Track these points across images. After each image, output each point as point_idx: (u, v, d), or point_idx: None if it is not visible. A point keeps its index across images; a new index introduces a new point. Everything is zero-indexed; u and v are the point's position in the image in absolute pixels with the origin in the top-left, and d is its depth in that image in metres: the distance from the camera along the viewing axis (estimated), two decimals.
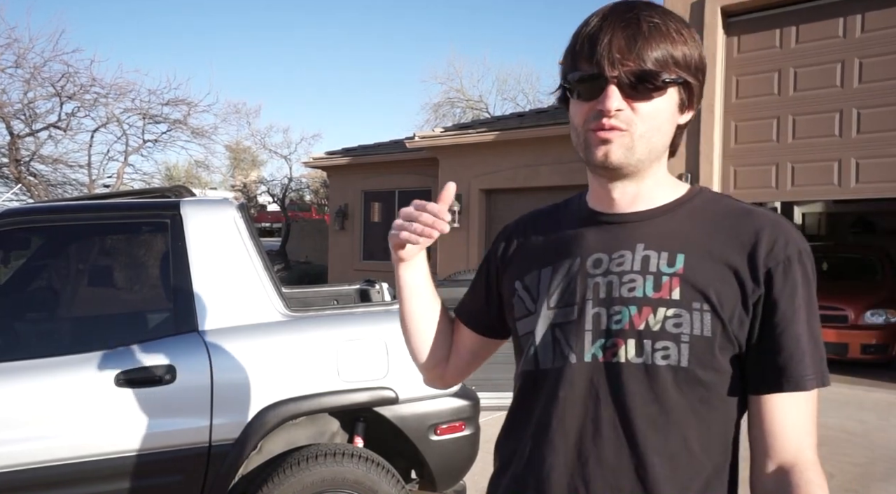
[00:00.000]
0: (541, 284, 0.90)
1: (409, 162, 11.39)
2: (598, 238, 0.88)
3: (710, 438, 0.82)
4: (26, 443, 2.00)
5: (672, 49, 0.80)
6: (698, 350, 0.79)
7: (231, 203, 2.47)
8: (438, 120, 22.40)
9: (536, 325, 0.88)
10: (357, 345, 2.34)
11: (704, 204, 0.88)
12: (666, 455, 0.79)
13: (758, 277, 0.80)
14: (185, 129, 11.60)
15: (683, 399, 0.80)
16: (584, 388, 0.83)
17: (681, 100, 0.84)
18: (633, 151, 0.82)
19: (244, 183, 23.00)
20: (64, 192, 11.27)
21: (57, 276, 2.69)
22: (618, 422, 0.81)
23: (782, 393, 0.79)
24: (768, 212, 0.86)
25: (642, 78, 0.79)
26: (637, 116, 0.81)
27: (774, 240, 0.81)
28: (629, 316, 0.81)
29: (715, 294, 0.79)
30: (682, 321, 0.79)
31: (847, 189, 6.42)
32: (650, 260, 0.83)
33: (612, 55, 0.79)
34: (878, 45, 6.21)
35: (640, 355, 0.80)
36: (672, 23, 0.82)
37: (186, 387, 2.12)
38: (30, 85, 9.80)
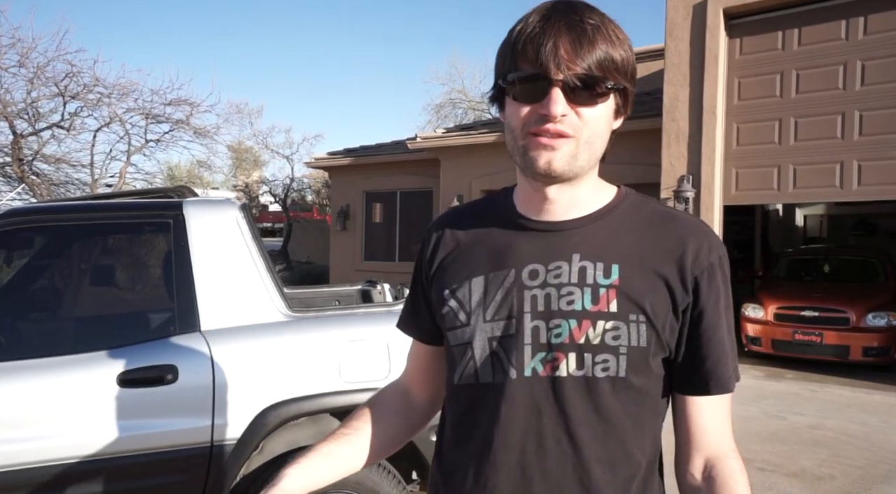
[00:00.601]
0: (472, 295, 0.86)
1: (411, 162, 11.40)
2: (533, 247, 0.86)
3: (643, 437, 0.85)
4: (29, 443, 2.00)
5: (613, 52, 0.78)
6: (635, 360, 0.81)
7: (233, 203, 2.47)
8: (440, 121, 22.42)
9: (474, 338, 0.85)
10: (359, 346, 2.35)
11: (632, 208, 0.88)
12: (606, 461, 0.82)
13: (686, 286, 0.82)
14: (188, 129, 11.62)
15: (620, 405, 0.82)
16: (525, 404, 0.82)
17: (617, 106, 0.83)
18: (576, 158, 0.80)
19: (246, 183, 23.03)
20: (66, 192, 11.29)
21: (59, 276, 2.69)
22: (561, 435, 0.81)
23: (699, 396, 0.85)
24: (690, 217, 0.89)
25: (588, 83, 0.77)
26: (581, 122, 0.79)
27: (699, 247, 0.83)
28: (569, 330, 0.81)
29: (650, 304, 0.81)
30: (620, 333, 0.80)
31: (849, 191, 6.41)
32: (587, 272, 0.82)
33: (559, 57, 0.76)
34: (881, 47, 6.21)
35: (580, 368, 0.80)
36: (610, 25, 0.80)
37: (188, 387, 2.13)
38: (33, 84, 9.82)
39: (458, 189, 10.24)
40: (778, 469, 3.89)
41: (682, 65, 7.02)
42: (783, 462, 4.01)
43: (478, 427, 0.85)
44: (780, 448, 4.27)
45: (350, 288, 3.56)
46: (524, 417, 0.82)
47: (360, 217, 12.48)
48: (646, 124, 7.70)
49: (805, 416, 5.06)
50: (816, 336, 6.71)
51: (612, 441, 0.82)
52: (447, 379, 0.93)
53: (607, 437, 0.82)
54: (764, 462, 4.01)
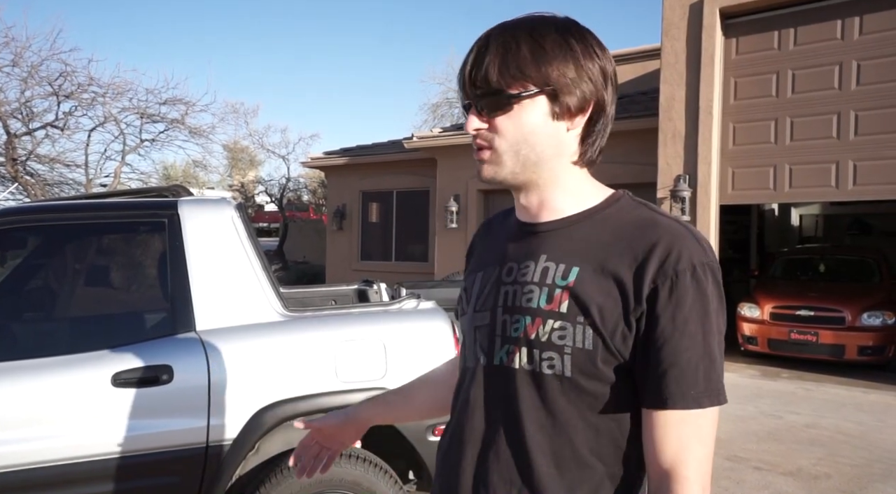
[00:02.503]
0: (474, 287, 0.97)
1: (407, 162, 11.39)
2: (514, 247, 0.93)
3: (602, 444, 0.84)
4: (23, 444, 1.98)
5: (522, 66, 0.83)
6: (579, 361, 0.82)
7: (229, 202, 2.46)
8: (437, 120, 22.41)
9: (466, 326, 0.96)
10: (355, 346, 2.34)
11: (618, 212, 0.88)
12: (550, 454, 0.84)
13: (641, 293, 0.80)
14: (183, 129, 11.59)
15: (571, 406, 0.84)
16: (488, 389, 0.90)
17: (552, 110, 0.85)
18: (501, 166, 0.87)
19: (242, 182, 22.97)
20: (61, 192, 11.24)
21: (54, 276, 2.67)
22: (510, 423, 0.86)
23: (653, 409, 0.81)
24: (674, 224, 0.85)
25: (487, 97, 0.84)
26: (496, 133, 0.86)
27: (667, 254, 0.80)
28: (524, 326, 0.85)
29: (597, 308, 0.81)
30: (566, 333, 0.82)
31: (844, 191, 6.43)
32: (548, 272, 0.86)
33: (465, 80, 0.86)
34: (876, 47, 6.23)
35: (530, 363, 0.85)
36: (531, 39, 0.83)
37: (183, 388, 2.11)
38: (27, 84, 9.77)
39: (454, 189, 10.24)
40: (774, 469, 3.90)
41: (678, 64, 7.03)
42: (779, 461, 4.02)
43: (456, 407, 0.96)
44: (776, 448, 4.28)
45: (346, 288, 3.55)
46: (487, 402, 0.90)
47: (356, 217, 12.47)
48: (642, 124, 7.71)
49: (801, 415, 5.07)
50: (812, 335, 6.73)
51: (559, 438, 0.84)
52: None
53: (555, 433, 0.84)
54: (760, 462, 4.01)
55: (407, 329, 2.45)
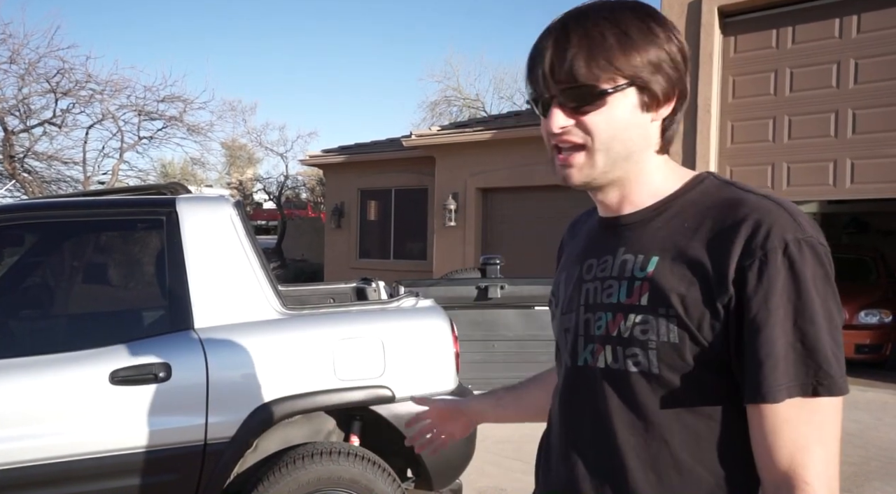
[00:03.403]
0: (560, 290, 0.96)
1: (406, 160, 11.38)
2: (593, 243, 0.91)
3: (703, 447, 0.77)
4: (20, 441, 1.98)
5: (609, 57, 0.76)
6: (667, 356, 0.76)
7: (227, 200, 2.46)
8: (435, 118, 22.39)
9: (556, 329, 0.95)
10: (353, 344, 2.34)
11: (701, 196, 0.82)
12: (647, 459, 0.78)
13: (726, 278, 0.73)
14: (181, 126, 11.57)
15: (664, 405, 0.78)
16: (576, 391, 0.87)
17: (641, 101, 0.80)
18: (594, 167, 0.81)
19: (240, 180, 22.94)
20: (58, 189, 11.21)
21: (51, 273, 2.67)
22: (600, 425, 0.82)
23: (755, 404, 0.73)
24: (762, 200, 0.77)
25: (577, 93, 0.78)
26: (587, 131, 0.79)
27: (753, 232, 0.73)
28: (606, 322, 0.82)
29: (679, 298, 0.76)
30: (649, 327, 0.77)
31: (842, 189, 6.44)
32: (626, 265, 0.83)
33: (545, 74, 0.79)
34: (874, 45, 6.23)
35: (615, 361, 0.81)
36: (613, 27, 0.77)
37: (182, 385, 2.11)
38: (24, 81, 9.74)
39: (453, 187, 10.23)
40: None
41: None
42: None
43: (552, 412, 0.95)
44: None
45: (345, 286, 3.55)
46: (577, 405, 0.87)
47: (354, 214, 12.46)
48: None
49: None
50: None
51: (654, 441, 0.78)
52: None
53: (648, 435, 0.78)
54: None
55: (405, 327, 2.45)
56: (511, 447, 4.12)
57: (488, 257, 4.25)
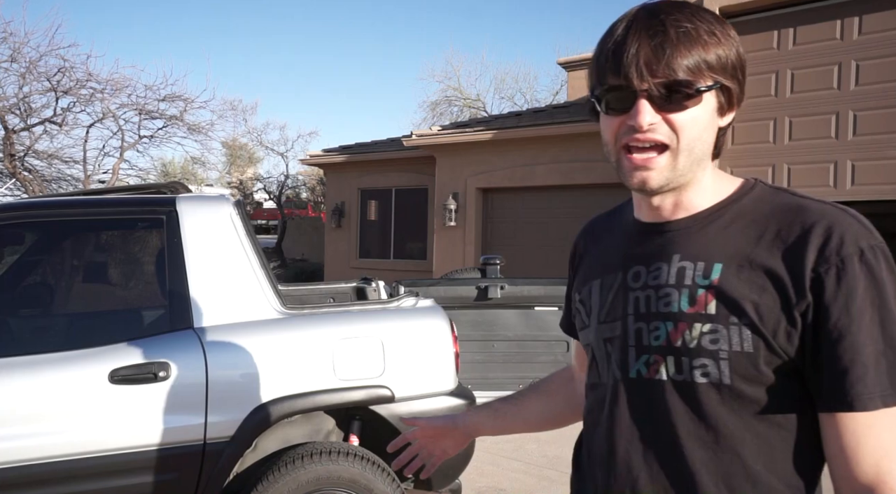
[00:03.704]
0: (592, 297, 0.91)
1: (407, 160, 11.38)
2: (639, 250, 0.86)
3: (776, 458, 0.76)
4: (19, 440, 1.98)
5: (705, 54, 0.75)
6: (740, 366, 0.74)
7: (227, 199, 2.45)
8: (436, 118, 22.39)
9: (592, 339, 0.90)
10: (353, 343, 2.33)
11: (754, 203, 0.81)
12: (719, 473, 0.76)
13: (804, 284, 0.72)
14: (182, 126, 11.56)
15: (734, 415, 0.76)
16: (632, 405, 0.82)
17: (719, 105, 0.79)
18: (675, 169, 0.78)
19: (240, 180, 22.94)
20: (59, 188, 11.22)
21: (51, 272, 2.67)
22: (664, 439, 0.79)
23: (841, 412, 0.72)
24: (826, 206, 0.76)
25: (674, 88, 0.75)
26: (674, 128, 0.76)
27: (826, 239, 0.72)
28: (666, 333, 0.79)
29: (752, 306, 0.74)
30: (720, 336, 0.75)
31: (843, 191, 6.44)
32: (685, 272, 0.79)
33: (640, 67, 0.74)
34: (876, 47, 6.23)
35: (679, 372, 0.78)
36: (703, 24, 0.76)
37: (181, 385, 2.11)
38: (25, 79, 9.74)
39: (453, 186, 10.23)
40: None
41: None
42: None
43: (596, 426, 0.88)
44: None
45: (345, 286, 3.55)
46: (632, 419, 0.82)
47: (355, 214, 12.46)
48: None
49: None
50: None
51: (726, 454, 0.76)
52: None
53: (719, 448, 0.76)
54: None
55: (405, 327, 2.45)
56: (510, 447, 4.12)
57: (488, 257, 4.25)
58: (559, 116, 9.30)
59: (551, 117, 9.43)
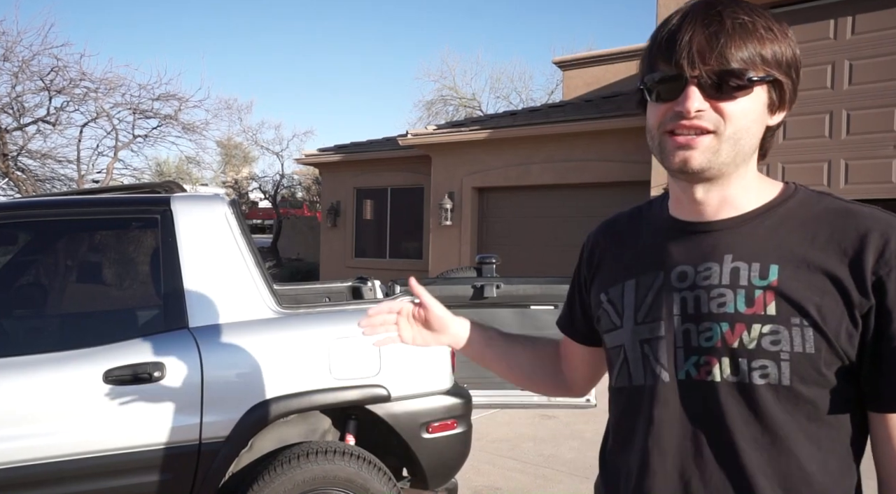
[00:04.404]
0: (625, 298, 0.88)
1: (402, 159, 11.37)
2: (682, 249, 0.84)
3: (827, 458, 0.77)
4: (13, 441, 1.97)
5: (760, 47, 0.75)
6: (801, 367, 0.74)
7: (222, 199, 2.45)
8: (431, 117, 22.39)
9: (625, 340, 0.87)
10: (349, 343, 2.33)
11: (800, 206, 0.81)
12: (776, 476, 0.76)
13: (865, 286, 0.74)
14: (176, 125, 11.52)
15: (788, 417, 0.76)
16: (679, 407, 0.80)
17: (770, 101, 0.78)
18: (718, 154, 0.77)
19: (235, 179, 22.89)
20: (52, 188, 11.16)
21: (45, 272, 2.66)
22: (718, 442, 0.78)
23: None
24: (876, 211, 0.78)
25: (725, 77, 0.74)
26: (722, 117, 0.76)
27: (885, 243, 0.74)
28: (720, 333, 0.77)
29: (815, 307, 0.74)
30: (781, 338, 0.74)
31: (836, 190, 6.48)
32: (740, 273, 0.78)
33: (692, 54, 0.74)
34: (869, 47, 6.27)
35: (735, 374, 0.77)
36: (760, 19, 0.76)
37: (176, 385, 2.10)
38: (18, 78, 9.69)
39: (449, 186, 10.23)
40: None
41: None
42: None
43: (634, 430, 0.85)
44: None
45: (340, 285, 3.54)
46: (679, 421, 0.80)
47: (350, 214, 12.45)
48: (637, 122, 7.73)
49: None
50: None
51: (782, 456, 0.76)
52: (608, 383, 0.94)
53: (775, 450, 0.76)
54: None
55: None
56: (506, 446, 4.12)
57: (484, 256, 4.25)
58: (555, 116, 9.31)
59: (547, 116, 9.44)
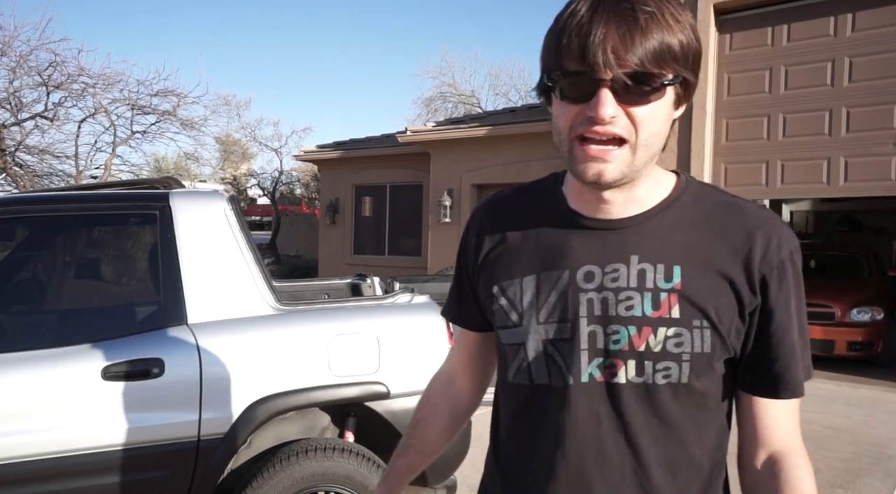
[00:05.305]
0: (524, 295, 0.84)
1: (401, 156, 11.35)
2: (588, 247, 0.81)
3: (706, 438, 0.83)
4: (11, 437, 1.96)
5: (670, 40, 0.71)
6: (698, 366, 0.78)
7: (221, 195, 2.44)
8: (430, 114, 22.36)
9: (527, 339, 0.83)
10: (348, 340, 2.33)
11: (693, 200, 0.83)
12: (666, 463, 0.80)
13: (754, 286, 0.78)
14: (175, 121, 11.49)
15: (681, 409, 0.80)
16: (583, 410, 0.80)
17: (677, 96, 0.76)
18: (632, 165, 0.74)
19: (234, 175, 22.86)
20: (50, 183, 11.13)
21: (43, 268, 2.64)
22: (621, 441, 0.80)
23: (771, 398, 0.81)
24: (758, 209, 0.82)
25: (640, 80, 0.70)
26: (634, 122, 0.72)
27: (768, 242, 0.78)
28: (628, 337, 0.78)
29: (714, 309, 0.77)
30: (683, 340, 0.77)
31: (836, 187, 6.48)
32: (646, 275, 0.78)
33: (607, 55, 0.69)
34: (869, 44, 6.26)
35: (640, 375, 0.78)
36: (668, 8, 0.72)
37: (175, 381, 2.10)
38: (15, 73, 9.65)
39: (448, 183, 10.22)
40: None
41: None
42: None
43: (535, 430, 0.84)
44: None
45: (339, 282, 3.54)
46: (583, 423, 0.80)
47: (349, 210, 12.43)
48: None
49: None
50: None
51: (672, 444, 0.80)
52: (500, 373, 0.92)
53: (668, 440, 0.80)
54: None
55: (400, 323, 2.45)
56: None
57: None
58: None
59: (545, 113, 9.38)
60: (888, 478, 3.67)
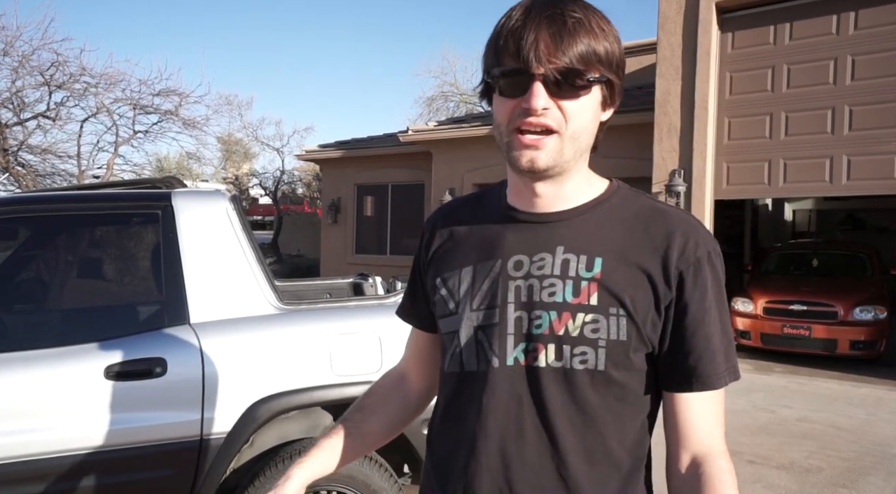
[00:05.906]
0: (461, 284, 0.90)
1: (403, 155, 11.35)
2: (519, 238, 0.88)
3: (626, 433, 0.85)
4: (14, 436, 1.97)
5: (595, 45, 0.79)
6: (614, 353, 0.81)
7: (223, 194, 2.44)
8: (432, 114, 22.36)
9: (460, 326, 0.88)
10: (350, 339, 2.33)
11: (622, 202, 0.88)
12: (584, 453, 0.82)
13: (670, 281, 0.82)
14: (177, 120, 11.51)
15: (600, 398, 0.82)
16: (506, 392, 0.84)
17: (603, 98, 0.83)
18: (562, 154, 0.81)
19: (236, 175, 22.88)
20: (53, 183, 11.16)
21: (45, 267, 2.65)
22: (539, 424, 0.83)
23: (686, 392, 0.84)
24: (680, 213, 0.88)
25: (568, 76, 0.78)
26: (565, 115, 0.79)
27: (685, 242, 0.83)
28: (549, 321, 0.82)
29: (630, 299, 0.81)
30: (600, 326, 0.81)
31: (838, 186, 6.46)
32: (570, 264, 0.84)
33: (539, 52, 0.77)
34: (871, 42, 6.24)
35: (559, 359, 0.82)
36: (594, 17, 0.80)
37: (177, 380, 2.10)
38: (18, 73, 9.67)
39: (449, 182, 10.21)
40: (766, 462, 3.93)
41: (674, 59, 7.02)
42: (772, 455, 4.05)
43: (462, 413, 0.88)
44: (769, 441, 4.31)
45: (341, 281, 3.54)
46: (505, 406, 0.84)
47: (351, 210, 12.43)
48: (637, 118, 7.71)
49: (793, 409, 5.11)
50: (805, 329, 6.77)
51: (590, 433, 0.83)
52: (440, 366, 0.96)
53: (585, 429, 0.82)
54: (753, 455, 4.04)
55: (402, 322, 2.44)
56: None
57: None
58: None
59: None
60: (891, 477, 3.66)
